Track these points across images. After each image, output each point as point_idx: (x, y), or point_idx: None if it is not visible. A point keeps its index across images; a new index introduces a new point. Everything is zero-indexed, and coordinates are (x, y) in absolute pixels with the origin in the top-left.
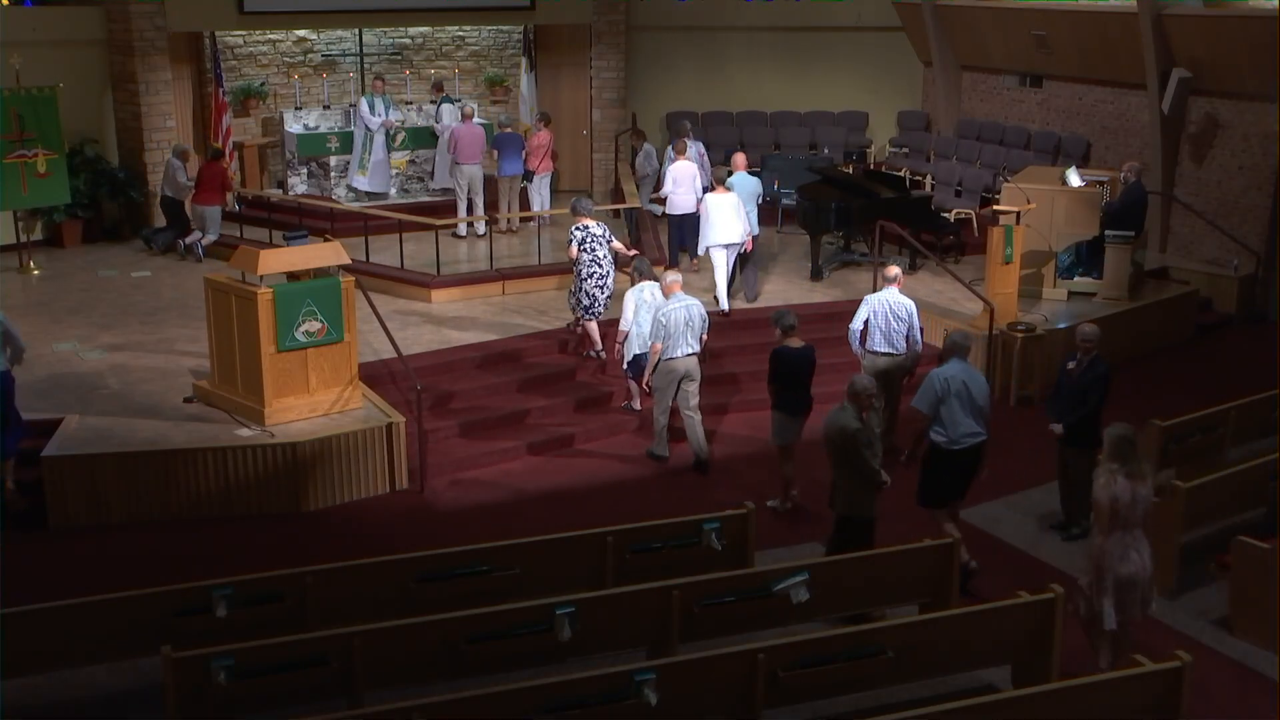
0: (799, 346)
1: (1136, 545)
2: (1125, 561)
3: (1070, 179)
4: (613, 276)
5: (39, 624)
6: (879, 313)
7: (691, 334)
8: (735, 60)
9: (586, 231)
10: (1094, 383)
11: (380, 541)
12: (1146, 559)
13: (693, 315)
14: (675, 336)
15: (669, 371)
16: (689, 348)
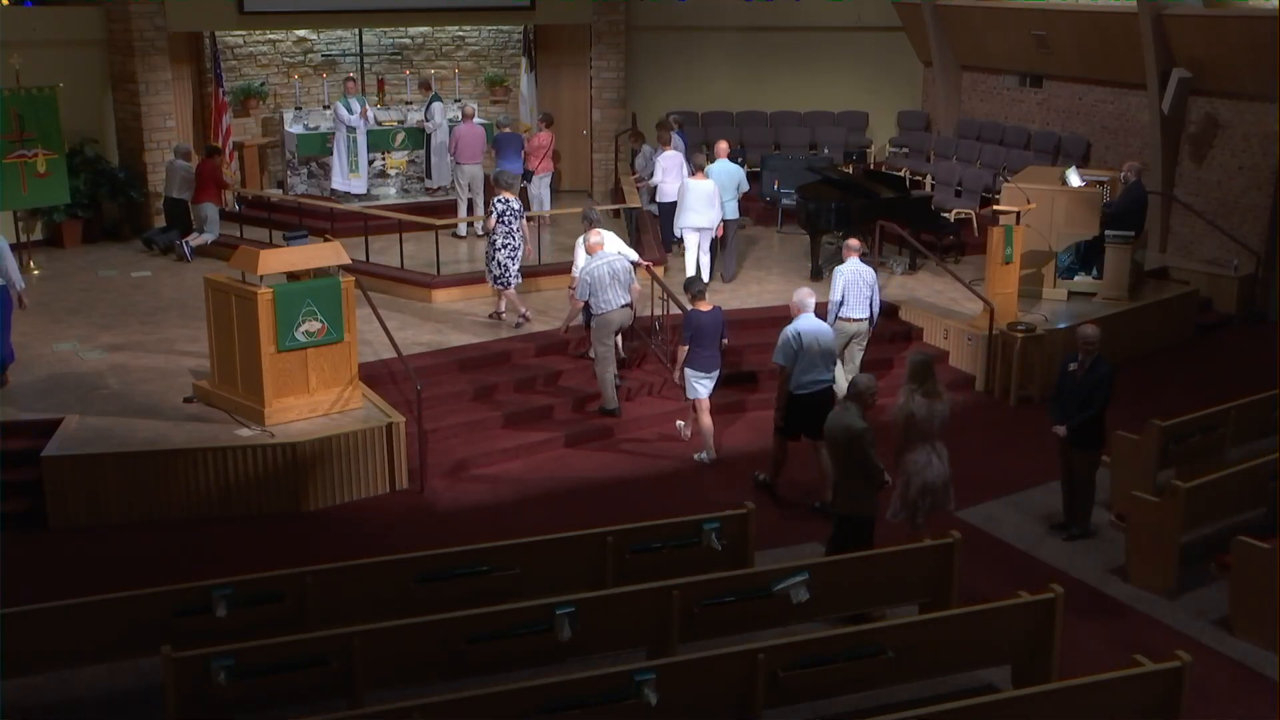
0: (709, 310)
1: (936, 454)
2: (928, 469)
3: (1070, 179)
4: (524, 247)
5: (39, 624)
6: (851, 282)
7: (620, 287)
8: (735, 60)
9: (507, 205)
10: (1098, 384)
11: (380, 541)
12: (945, 464)
13: (616, 269)
14: (603, 291)
15: (605, 324)
16: (621, 299)
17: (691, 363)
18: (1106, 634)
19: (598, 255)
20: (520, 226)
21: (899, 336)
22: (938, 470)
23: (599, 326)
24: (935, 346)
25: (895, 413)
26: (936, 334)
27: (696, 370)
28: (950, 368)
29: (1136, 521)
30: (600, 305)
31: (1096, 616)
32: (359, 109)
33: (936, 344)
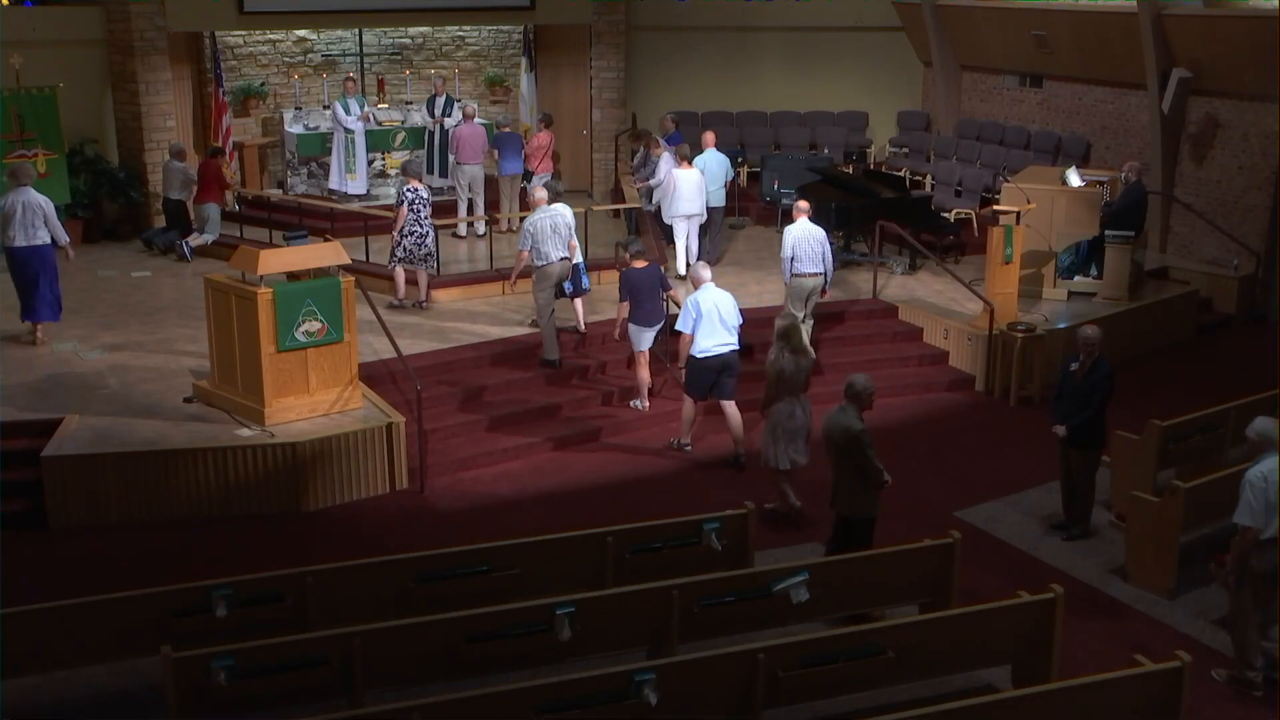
0: (644, 267)
1: (801, 405)
2: (792, 419)
3: (1070, 179)
4: (431, 237)
5: (39, 624)
6: (800, 240)
7: (559, 240)
8: (735, 60)
9: (415, 193)
10: (1098, 384)
11: (380, 541)
12: (808, 415)
13: (558, 223)
14: (544, 243)
15: (547, 277)
16: (560, 253)
17: (633, 318)
18: (1106, 634)
19: (540, 209)
20: (429, 214)
21: (900, 336)
22: (800, 420)
23: (539, 278)
24: (935, 346)
25: (767, 368)
26: (936, 334)
27: (638, 324)
28: (950, 368)
29: (1136, 521)
30: (540, 257)
31: (1096, 616)
32: (358, 110)
33: (936, 344)
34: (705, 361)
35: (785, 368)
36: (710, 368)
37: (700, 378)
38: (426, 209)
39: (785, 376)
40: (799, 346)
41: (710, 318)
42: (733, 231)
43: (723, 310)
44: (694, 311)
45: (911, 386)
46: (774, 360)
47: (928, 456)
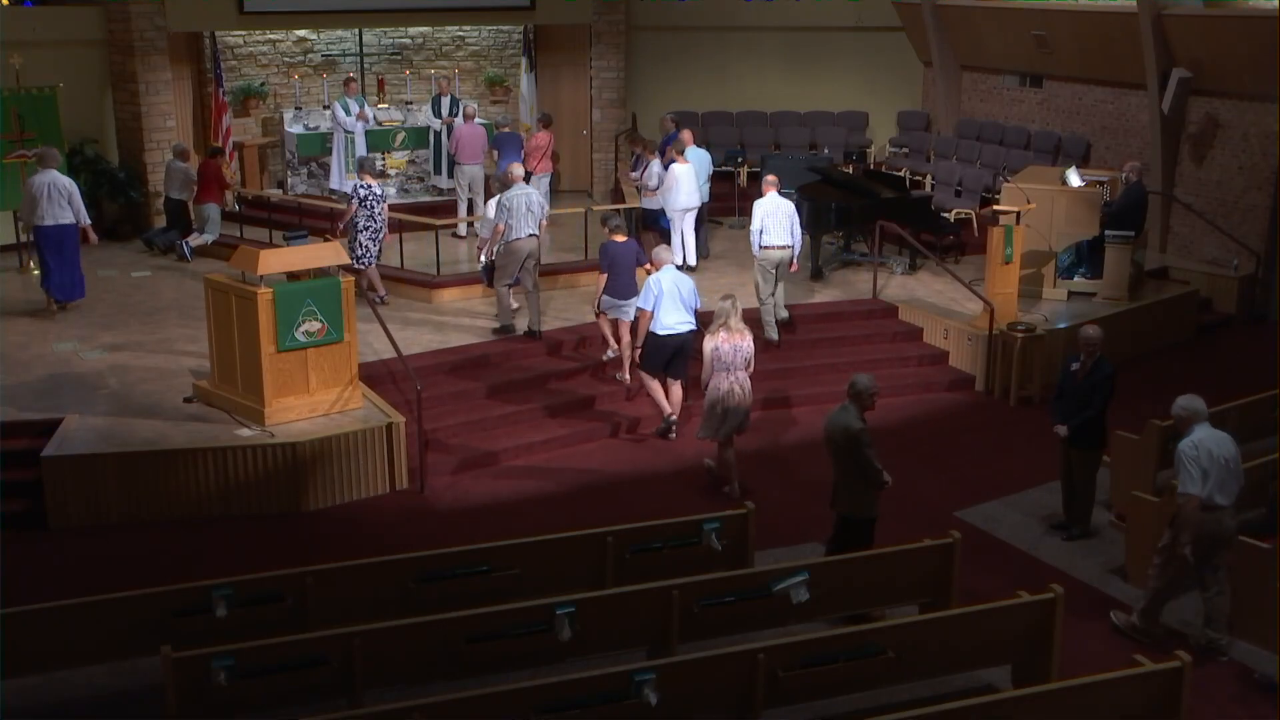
0: (623, 241)
1: (739, 382)
2: (730, 395)
3: (1070, 179)
4: (384, 231)
5: (39, 624)
6: (770, 213)
7: (532, 218)
8: (735, 60)
9: (369, 190)
10: (1099, 384)
11: (380, 541)
12: (747, 392)
13: (532, 201)
14: (518, 219)
15: (514, 251)
16: (530, 229)
17: (610, 289)
18: (1106, 634)
19: (516, 186)
20: (382, 210)
21: (900, 336)
22: (737, 396)
23: (508, 252)
24: (935, 346)
25: (705, 346)
26: (936, 334)
27: (614, 297)
28: (950, 368)
29: (1136, 521)
30: (512, 233)
31: (1096, 616)
32: (357, 110)
33: (936, 344)
34: (665, 339)
35: (720, 347)
36: (668, 345)
37: (657, 354)
38: (380, 204)
39: (720, 356)
40: (737, 329)
41: (671, 296)
42: (732, 231)
43: (683, 291)
44: (655, 289)
45: (911, 386)
46: (708, 339)
47: (928, 456)
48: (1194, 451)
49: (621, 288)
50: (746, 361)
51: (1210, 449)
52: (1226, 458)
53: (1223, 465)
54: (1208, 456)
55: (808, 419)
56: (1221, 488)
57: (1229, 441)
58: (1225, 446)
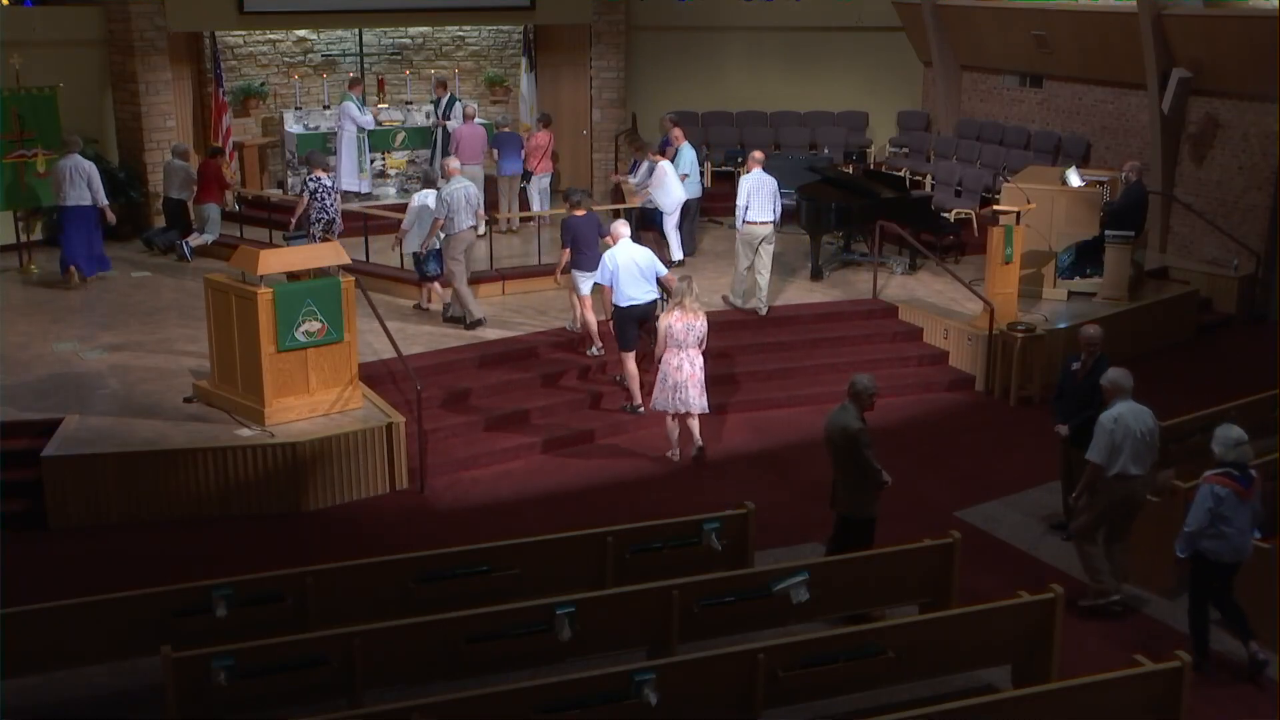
0: (584, 215)
1: (689, 360)
2: (679, 371)
3: (1070, 179)
4: (337, 223)
5: (39, 624)
6: (755, 189)
7: (470, 210)
8: (735, 60)
9: (318, 183)
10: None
11: (380, 541)
12: (697, 369)
13: (470, 193)
14: (459, 213)
15: (458, 242)
16: (469, 221)
17: (575, 264)
18: (1106, 634)
19: (455, 179)
20: (334, 201)
21: (900, 336)
22: (686, 372)
23: (452, 244)
24: (935, 346)
25: (659, 324)
26: (936, 334)
27: (580, 270)
28: (950, 368)
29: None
30: (453, 226)
31: (1096, 616)
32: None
33: (936, 344)
34: (628, 310)
35: (673, 325)
36: (633, 316)
37: (628, 328)
38: (330, 196)
39: (674, 334)
40: (691, 308)
41: (627, 270)
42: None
43: (640, 262)
44: (610, 265)
45: (911, 386)
46: (663, 318)
47: (928, 456)
48: (1111, 425)
49: (587, 261)
50: (699, 340)
51: (1128, 423)
52: (1143, 431)
53: (1139, 438)
54: (1124, 430)
55: (808, 419)
56: (1136, 459)
57: (1148, 416)
58: (1143, 420)
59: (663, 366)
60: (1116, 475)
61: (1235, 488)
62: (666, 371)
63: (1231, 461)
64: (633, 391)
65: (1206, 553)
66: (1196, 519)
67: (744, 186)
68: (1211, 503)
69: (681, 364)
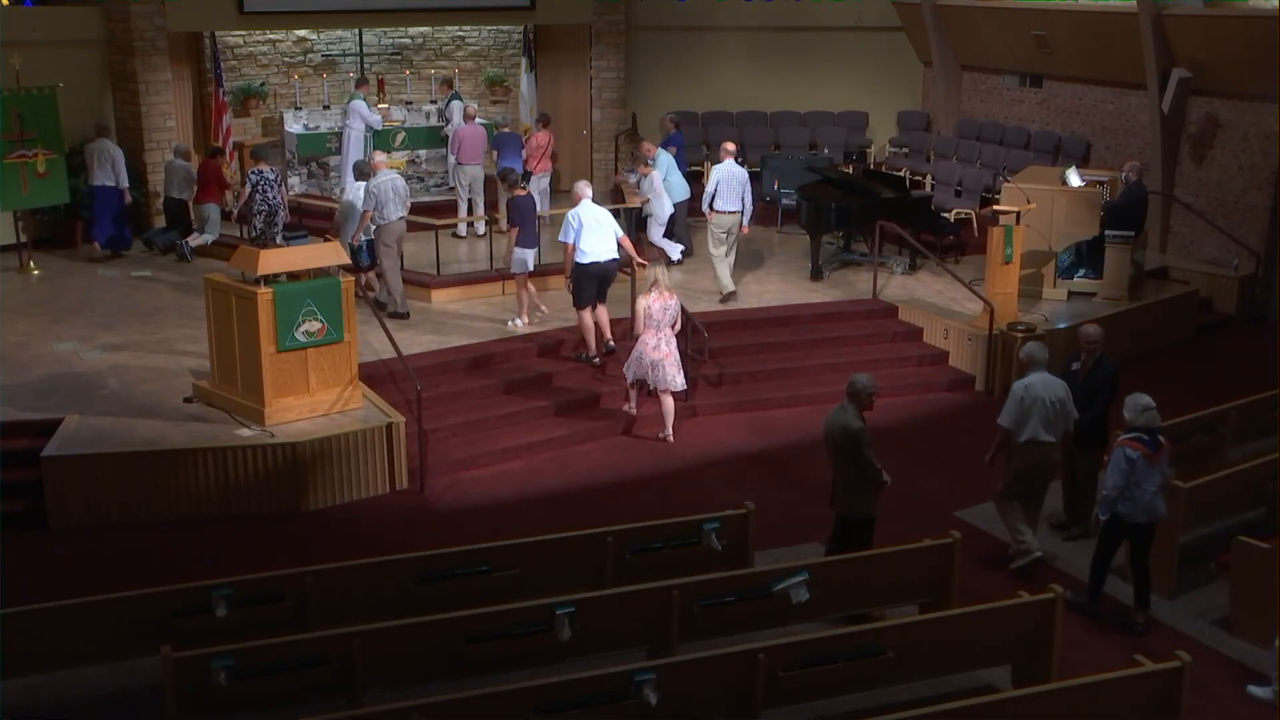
0: (525, 194)
1: (665, 340)
2: (656, 350)
3: (1070, 179)
4: (280, 215)
5: (39, 624)
6: (724, 179)
7: (399, 201)
8: (736, 60)
9: (260, 175)
10: (1102, 383)
11: (380, 541)
12: (673, 348)
13: (398, 186)
14: (386, 205)
15: (389, 232)
16: (400, 213)
17: (520, 242)
18: (1106, 634)
19: (382, 172)
20: (277, 193)
21: (900, 336)
22: (662, 351)
23: (382, 234)
24: (935, 346)
25: (637, 305)
26: (936, 334)
27: (524, 247)
28: (950, 368)
29: None
30: (382, 217)
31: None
32: None
33: (936, 344)
34: (590, 268)
35: (651, 306)
36: (594, 274)
37: (586, 285)
38: (273, 189)
39: (651, 314)
40: (666, 288)
41: (591, 228)
42: None
43: (602, 221)
44: (575, 223)
45: (911, 386)
46: (642, 299)
47: (928, 456)
48: (1022, 392)
49: (528, 239)
50: (674, 320)
51: (1038, 392)
52: (1053, 400)
53: (1048, 407)
54: (1033, 398)
55: (808, 419)
56: (1047, 426)
57: (1060, 387)
58: (1054, 391)
59: (639, 345)
60: (1029, 440)
61: (1145, 451)
62: (643, 351)
63: (1141, 427)
64: (588, 343)
65: (1121, 515)
66: (1114, 482)
67: (714, 176)
68: (1125, 465)
69: (659, 344)
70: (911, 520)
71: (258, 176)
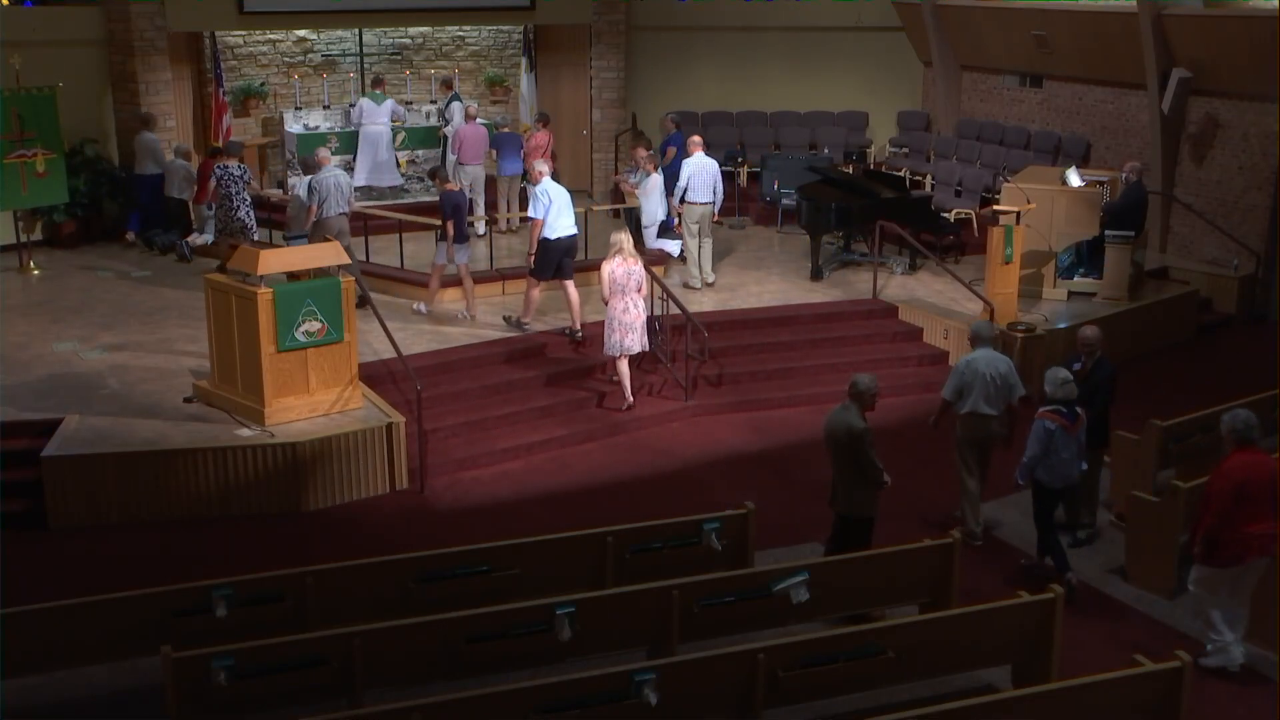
0: (457, 190)
1: (634, 304)
2: (626, 313)
3: (1070, 179)
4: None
5: (39, 624)
6: (696, 172)
7: (341, 197)
8: (735, 60)
9: (226, 171)
10: (1101, 384)
11: (380, 541)
12: (641, 310)
13: (341, 182)
14: (329, 199)
15: (326, 227)
16: (340, 209)
17: (455, 238)
18: (1106, 634)
19: (325, 169)
20: (242, 188)
21: (900, 336)
22: (633, 314)
23: (322, 229)
24: (935, 346)
25: (602, 270)
26: (936, 334)
27: (458, 243)
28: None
29: (1136, 521)
30: (324, 212)
31: (1096, 616)
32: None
33: (936, 344)
34: (557, 243)
35: (615, 272)
36: (559, 248)
37: (549, 258)
38: (236, 185)
39: (616, 279)
40: (630, 254)
41: (559, 205)
42: (731, 232)
43: (566, 198)
44: (546, 199)
45: (911, 386)
46: (606, 263)
47: (928, 456)
48: (963, 367)
49: (462, 233)
50: (639, 284)
51: (979, 368)
52: (993, 375)
53: (988, 381)
54: (973, 373)
55: (808, 419)
56: (987, 400)
57: (1002, 363)
58: (995, 366)
59: (610, 312)
60: (969, 413)
61: (1063, 423)
62: (615, 316)
63: (1060, 400)
64: (527, 309)
65: (1040, 481)
66: (1032, 451)
67: (685, 169)
68: (1044, 435)
69: (628, 307)
70: (911, 520)
71: (222, 171)
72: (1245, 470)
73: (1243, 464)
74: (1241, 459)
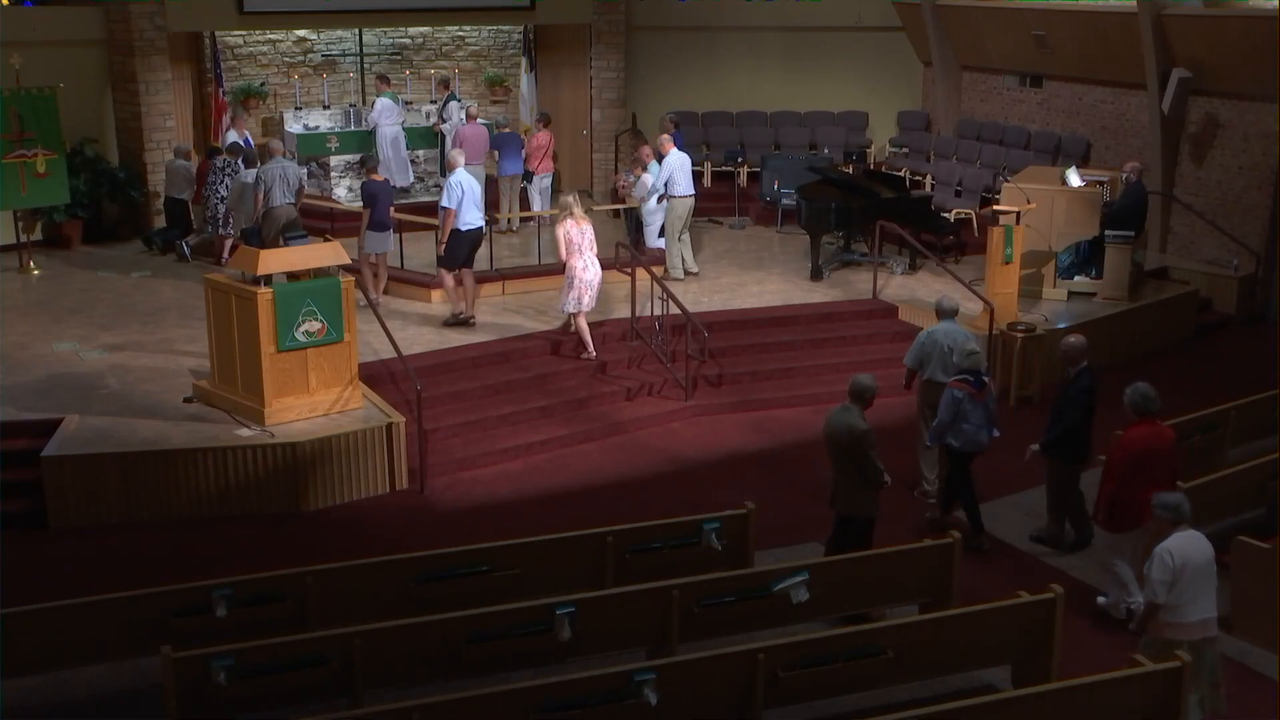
0: (381, 180)
1: (591, 261)
2: (586, 270)
3: (1070, 179)
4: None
5: (39, 624)
6: (678, 167)
7: (288, 188)
8: (735, 60)
9: (212, 165)
10: (1075, 397)
11: (380, 541)
12: (597, 269)
13: (288, 174)
14: (274, 190)
15: (274, 218)
16: (288, 199)
17: (372, 225)
18: (1106, 634)
19: (274, 160)
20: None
21: (900, 336)
22: (592, 272)
23: (267, 219)
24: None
25: (557, 232)
26: None
27: (375, 231)
28: None
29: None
30: (270, 201)
31: (1096, 616)
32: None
33: None
34: (467, 234)
35: (570, 232)
36: (469, 240)
37: (460, 249)
38: (215, 174)
39: (571, 239)
40: (580, 215)
41: (470, 196)
42: (732, 232)
43: (478, 190)
44: (459, 191)
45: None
46: (560, 226)
47: None
48: (924, 338)
49: (383, 223)
50: (591, 243)
51: (938, 339)
52: (950, 346)
53: (945, 352)
54: (933, 343)
55: (808, 419)
56: (945, 370)
57: (958, 335)
58: (952, 338)
59: (570, 271)
60: (928, 380)
61: (970, 391)
62: (575, 274)
63: (968, 369)
64: (456, 301)
65: (951, 446)
66: (942, 417)
67: (666, 166)
68: (952, 403)
69: (587, 265)
70: (911, 520)
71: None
72: (1144, 441)
73: (1141, 435)
74: (1140, 431)
